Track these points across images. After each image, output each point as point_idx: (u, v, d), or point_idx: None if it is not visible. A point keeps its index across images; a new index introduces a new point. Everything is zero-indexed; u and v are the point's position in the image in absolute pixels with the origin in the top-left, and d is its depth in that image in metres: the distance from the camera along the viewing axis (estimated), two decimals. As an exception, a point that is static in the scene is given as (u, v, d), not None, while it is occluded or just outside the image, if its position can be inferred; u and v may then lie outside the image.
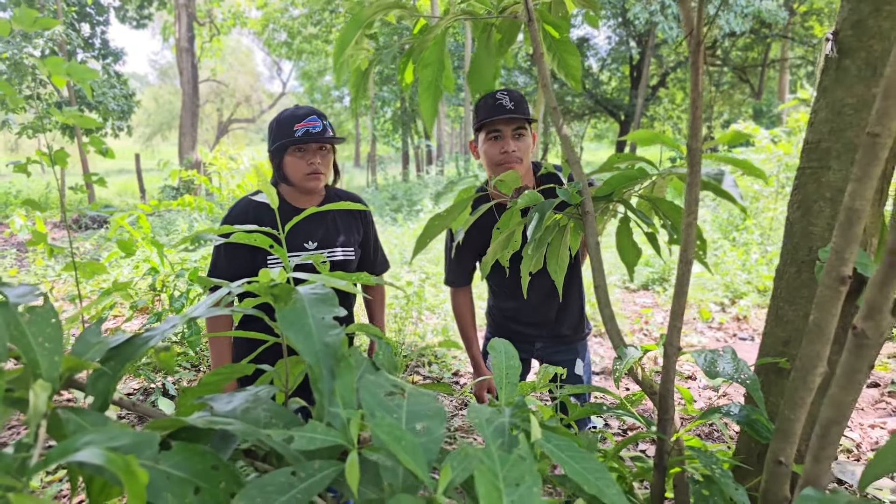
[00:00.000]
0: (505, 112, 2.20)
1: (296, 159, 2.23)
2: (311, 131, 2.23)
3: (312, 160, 2.24)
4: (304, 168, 2.23)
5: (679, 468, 1.27)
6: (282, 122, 2.26)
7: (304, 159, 2.23)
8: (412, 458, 0.64)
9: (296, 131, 2.22)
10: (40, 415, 0.71)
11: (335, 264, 2.35)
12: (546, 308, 2.48)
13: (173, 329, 0.90)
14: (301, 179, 2.25)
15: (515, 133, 2.23)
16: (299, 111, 2.29)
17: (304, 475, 0.67)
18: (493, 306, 2.66)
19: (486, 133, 2.26)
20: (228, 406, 0.82)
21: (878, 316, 0.73)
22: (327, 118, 2.32)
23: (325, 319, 0.80)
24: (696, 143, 1.06)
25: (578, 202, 1.50)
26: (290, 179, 2.27)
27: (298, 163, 2.23)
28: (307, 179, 2.25)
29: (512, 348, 1.03)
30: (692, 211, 1.09)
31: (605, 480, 0.80)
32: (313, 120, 2.25)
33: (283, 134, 2.24)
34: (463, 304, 2.61)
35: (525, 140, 2.25)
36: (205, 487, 0.69)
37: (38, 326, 0.77)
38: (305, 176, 2.24)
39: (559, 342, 2.55)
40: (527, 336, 2.55)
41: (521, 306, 2.51)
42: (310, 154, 2.24)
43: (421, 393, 0.82)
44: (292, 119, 2.25)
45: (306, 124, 2.23)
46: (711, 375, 1.17)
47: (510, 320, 2.59)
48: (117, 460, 0.58)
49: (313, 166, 2.24)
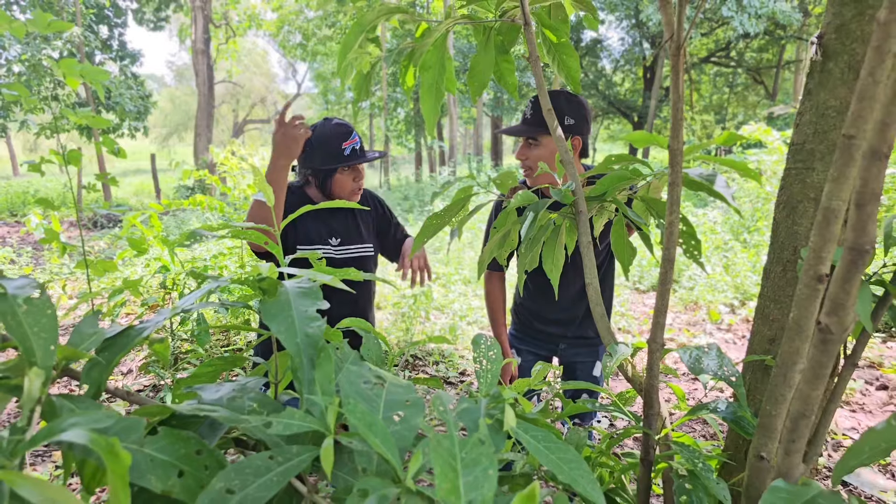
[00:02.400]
0: (521, 122, 2.32)
1: (345, 177, 2.36)
2: (355, 149, 2.36)
3: (358, 177, 2.40)
4: (351, 186, 2.39)
5: (666, 463, 1.29)
6: (327, 141, 2.33)
7: (352, 177, 2.38)
8: (383, 444, 0.67)
9: (344, 149, 2.33)
10: (34, 400, 0.74)
11: (355, 260, 2.46)
12: (573, 309, 2.51)
13: (165, 320, 0.93)
14: (348, 195, 2.40)
15: (527, 142, 2.31)
16: (341, 128, 2.36)
17: (281, 459, 0.70)
18: (520, 304, 2.69)
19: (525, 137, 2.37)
20: (216, 395, 0.86)
21: (842, 312, 0.75)
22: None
23: (307, 312, 0.83)
24: (677, 144, 1.09)
25: (571, 202, 1.52)
26: (337, 196, 2.38)
27: (347, 181, 2.37)
28: (352, 195, 2.41)
29: (495, 342, 1.06)
30: (674, 210, 1.12)
31: (579, 470, 0.82)
32: (355, 136, 2.37)
33: (330, 154, 2.32)
34: (495, 289, 2.69)
35: (535, 149, 2.29)
36: (188, 471, 0.72)
37: (35, 317, 0.80)
38: (351, 192, 2.40)
39: (582, 344, 2.57)
40: (550, 336, 2.59)
41: (548, 305, 2.55)
42: (356, 172, 2.40)
43: (401, 384, 0.85)
44: (338, 138, 2.33)
45: (352, 142, 2.35)
46: (696, 372, 1.19)
47: (535, 319, 2.62)
48: (100, 441, 0.61)
49: (359, 183, 2.41)
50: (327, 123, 2.37)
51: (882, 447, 0.90)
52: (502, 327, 2.66)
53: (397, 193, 17.75)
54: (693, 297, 6.64)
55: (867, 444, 0.91)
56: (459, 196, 1.79)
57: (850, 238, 0.71)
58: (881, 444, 0.90)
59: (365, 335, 1.09)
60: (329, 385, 0.78)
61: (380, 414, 0.77)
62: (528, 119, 2.28)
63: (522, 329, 2.68)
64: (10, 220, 16.36)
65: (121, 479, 0.61)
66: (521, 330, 2.69)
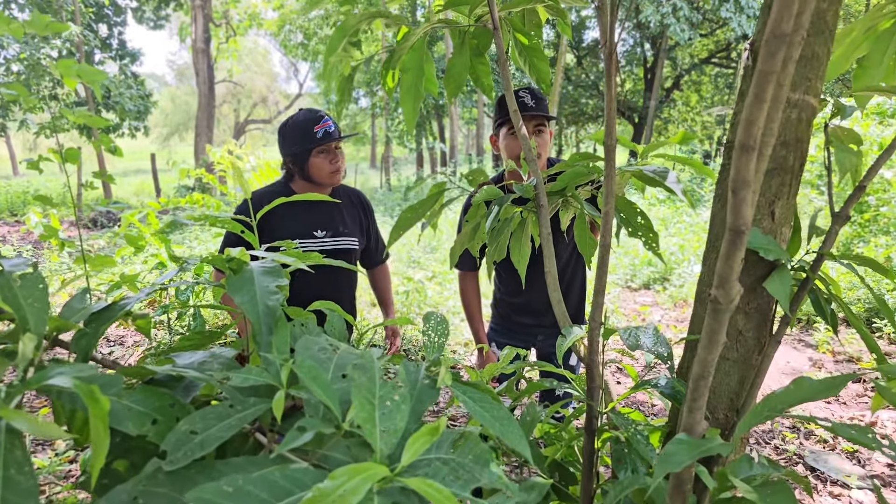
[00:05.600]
0: (527, 109, 2.37)
1: (321, 160, 2.46)
2: (328, 131, 2.45)
3: (335, 158, 2.48)
4: (329, 167, 2.48)
5: (609, 433, 1.41)
6: (300, 126, 2.46)
7: (328, 159, 2.47)
8: (325, 394, 0.79)
9: (316, 133, 2.43)
10: (28, 360, 0.86)
11: (340, 251, 2.57)
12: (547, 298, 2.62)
13: (149, 297, 1.05)
14: (327, 177, 2.49)
15: (536, 129, 2.41)
16: (313, 114, 2.49)
17: (240, 408, 0.82)
18: (499, 299, 2.81)
19: (507, 128, 2.43)
20: (189, 360, 0.98)
21: (727, 285, 0.86)
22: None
23: (268, 287, 0.95)
24: (611, 141, 1.20)
25: (533, 197, 1.64)
26: (316, 178, 2.49)
27: (323, 163, 2.47)
28: (331, 176, 2.50)
29: (443, 319, 1.17)
30: (609, 201, 1.23)
31: (510, 426, 0.94)
32: (328, 121, 2.47)
33: (304, 137, 2.44)
34: (469, 289, 2.78)
35: (543, 136, 2.41)
36: (161, 420, 0.84)
37: (28, 289, 0.92)
38: (330, 174, 2.49)
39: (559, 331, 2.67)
40: (528, 327, 2.70)
41: (523, 297, 2.65)
42: (331, 153, 2.48)
43: (352, 352, 0.97)
44: (310, 122, 2.45)
45: (323, 125, 2.45)
46: (632, 348, 1.31)
47: (513, 311, 2.73)
48: (83, 386, 0.72)
49: (336, 164, 2.49)
50: (300, 112, 2.51)
51: (778, 408, 1.02)
52: (479, 323, 2.76)
53: (397, 194, 17.85)
54: (682, 294, 6.76)
55: (766, 406, 1.03)
56: (433, 192, 1.90)
57: (729, 221, 0.82)
58: (777, 405, 1.02)
59: (329, 313, 1.20)
60: (284, 347, 0.90)
61: (329, 374, 0.89)
62: (533, 107, 2.37)
63: (501, 323, 2.80)
64: (10, 219, 16.48)
65: (101, 420, 0.73)
66: (500, 324, 2.81)
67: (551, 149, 2.60)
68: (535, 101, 2.38)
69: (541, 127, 2.41)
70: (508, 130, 2.43)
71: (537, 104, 2.38)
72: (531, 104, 2.38)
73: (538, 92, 2.40)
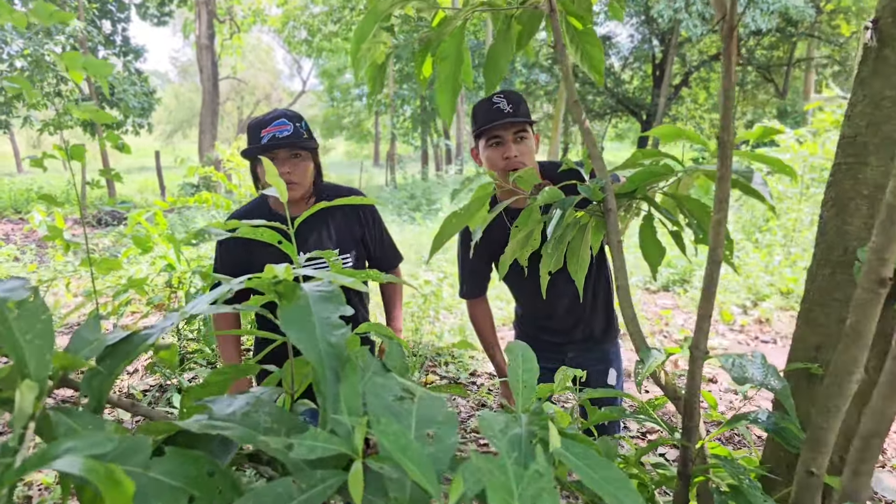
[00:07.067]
0: (504, 116, 2.13)
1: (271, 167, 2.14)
2: (277, 136, 2.09)
3: (282, 169, 2.09)
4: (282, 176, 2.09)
5: (703, 477, 1.21)
6: (251, 129, 2.16)
7: (281, 167, 2.10)
8: (420, 469, 0.59)
9: (262, 137, 2.10)
10: (26, 417, 0.66)
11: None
12: (575, 311, 2.40)
13: (172, 326, 0.85)
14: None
15: (517, 137, 2.16)
16: (268, 115, 2.16)
17: (304, 486, 0.62)
18: (523, 316, 2.59)
19: (486, 139, 2.18)
20: (228, 409, 0.78)
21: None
22: (303, 120, 2.19)
23: (329, 318, 0.75)
24: (728, 136, 1.00)
25: (601, 199, 1.44)
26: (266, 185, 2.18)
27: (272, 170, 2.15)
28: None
29: (529, 351, 0.98)
30: (722, 208, 1.03)
31: (625, 490, 0.74)
32: (281, 123, 2.11)
33: (252, 141, 2.13)
34: (481, 315, 2.56)
35: (527, 143, 2.17)
36: (199, 496, 0.64)
37: (27, 322, 0.73)
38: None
39: (590, 345, 2.46)
40: (557, 345, 2.48)
41: (550, 311, 2.43)
42: (279, 162, 2.11)
43: (432, 397, 0.77)
44: (259, 124, 2.14)
45: (273, 129, 2.10)
46: (740, 381, 1.10)
47: (539, 329, 2.52)
48: (98, 469, 0.53)
49: (288, 177, 2.10)
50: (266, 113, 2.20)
51: None
52: (496, 348, 2.55)
53: (403, 192, 17.64)
54: (704, 296, 6.55)
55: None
56: (479, 194, 1.70)
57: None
58: None
59: (388, 342, 1.01)
60: (356, 401, 0.70)
61: (412, 433, 0.69)
62: (510, 113, 2.13)
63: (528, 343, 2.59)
64: (14, 217, 16.31)
65: (123, 508, 0.54)
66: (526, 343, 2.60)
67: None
68: (511, 105, 2.14)
69: (522, 133, 2.16)
70: (487, 142, 2.17)
71: (515, 109, 2.14)
72: (508, 110, 2.13)
73: (514, 95, 2.17)
